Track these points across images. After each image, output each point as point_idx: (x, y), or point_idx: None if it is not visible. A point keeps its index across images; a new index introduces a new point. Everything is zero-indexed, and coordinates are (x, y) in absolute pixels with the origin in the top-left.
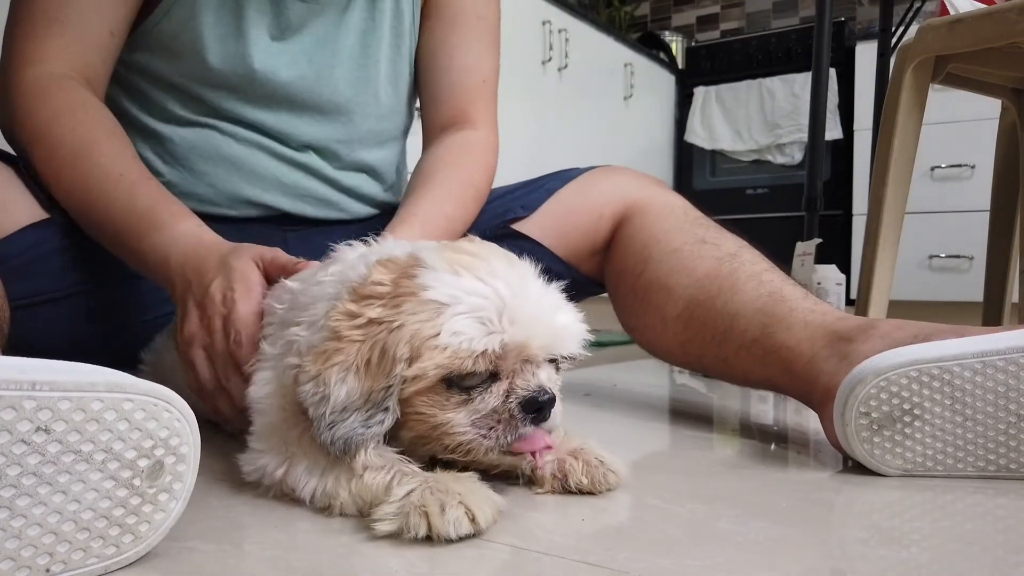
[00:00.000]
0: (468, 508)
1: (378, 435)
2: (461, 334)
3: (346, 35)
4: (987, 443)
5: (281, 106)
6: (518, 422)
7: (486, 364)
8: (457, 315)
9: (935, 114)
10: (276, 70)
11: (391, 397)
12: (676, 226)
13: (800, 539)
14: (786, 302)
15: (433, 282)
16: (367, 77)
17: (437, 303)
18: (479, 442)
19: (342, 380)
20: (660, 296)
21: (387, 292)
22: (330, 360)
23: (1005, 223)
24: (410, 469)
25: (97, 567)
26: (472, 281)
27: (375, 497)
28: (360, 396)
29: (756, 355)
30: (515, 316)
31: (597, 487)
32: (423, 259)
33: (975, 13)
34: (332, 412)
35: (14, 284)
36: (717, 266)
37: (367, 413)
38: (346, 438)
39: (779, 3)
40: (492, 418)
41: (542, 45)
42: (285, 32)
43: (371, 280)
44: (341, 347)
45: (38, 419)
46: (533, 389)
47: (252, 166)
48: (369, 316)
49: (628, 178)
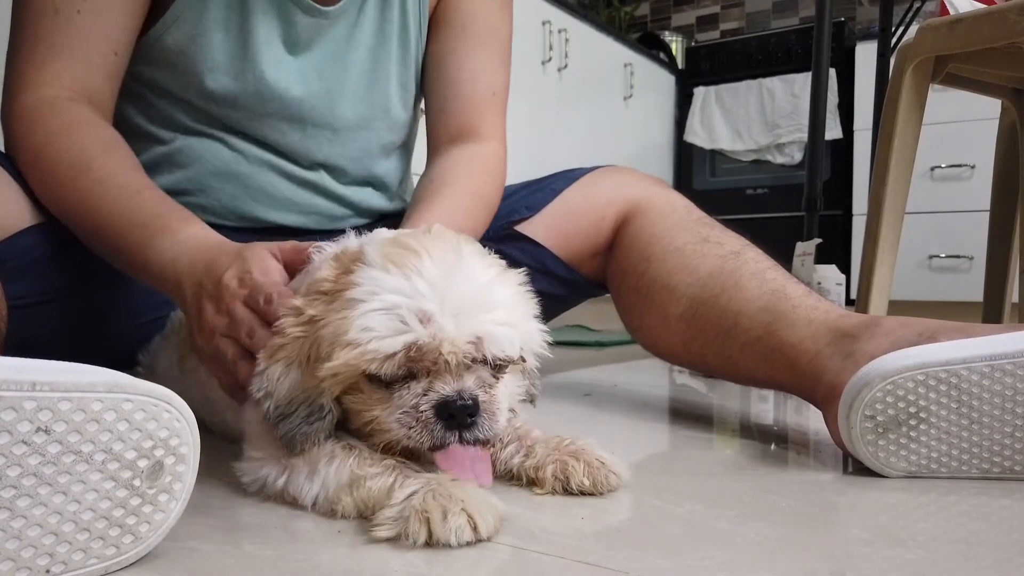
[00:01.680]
0: (470, 516)
1: (321, 431)
2: (371, 331)
3: (356, 50)
4: (992, 445)
5: (292, 124)
6: (432, 426)
7: (395, 366)
8: (369, 312)
9: (935, 114)
10: (287, 88)
11: (324, 395)
12: (679, 225)
13: (800, 539)
14: (789, 300)
15: (361, 278)
16: (378, 92)
17: (356, 300)
18: (406, 440)
19: (285, 376)
20: (663, 295)
21: (329, 288)
22: (274, 355)
23: (1005, 223)
24: (412, 471)
25: (97, 568)
26: (396, 278)
27: (377, 501)
28: (302, 392)
29: (759, 353)
30: (431, 315)
31: (599, 488)
32: (365, 254)
33: (975, 13)
34: (277, 407)
35: (12, 284)
36: (720, 264)
37: (307, 409)
38: (292, 436)
39: (779, 3)
40: (412, 416)
41: (542, 45)
42: (294, 48)
43: (319, 276)
44: (285, 343)
45: (38, 420)
46: (448, 394)
47: (261, 186)
48: (310, 313)
49: (631, 178)
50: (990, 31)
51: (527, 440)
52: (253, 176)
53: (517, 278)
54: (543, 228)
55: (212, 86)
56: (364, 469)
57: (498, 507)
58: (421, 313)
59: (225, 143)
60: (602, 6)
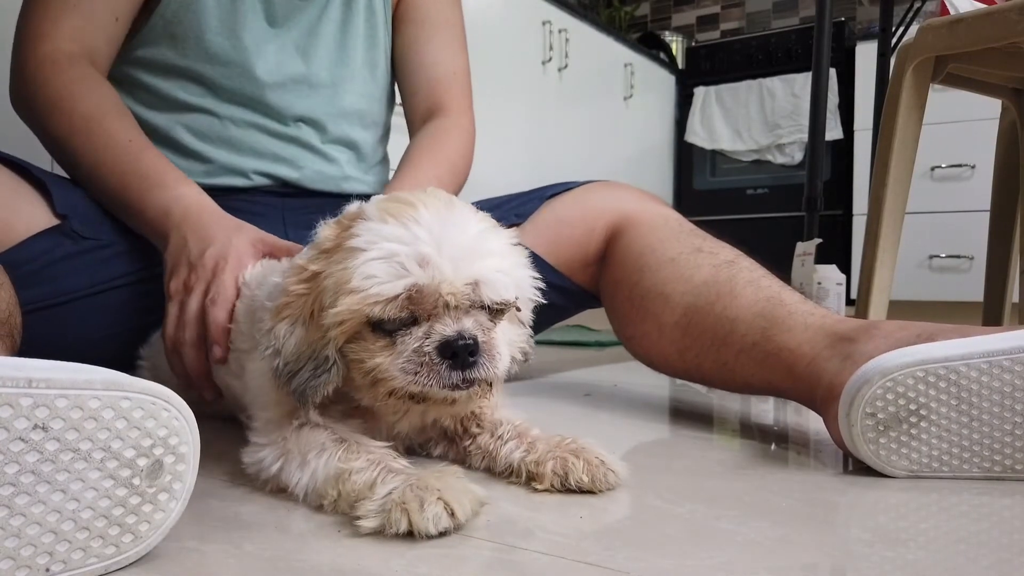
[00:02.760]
0: (447, 503)
1: (329, 384)
2: (372, 278)
3: (327, 24)
4: (993, 443)
5: (273, 83)
6: (437, 367)
7: (398, 309)
8: (369, 260)
9: (935, 114)
10: (267, 52)
11: (330, 345)
12: (671, 236)
13: (801, 539)
14: (785, 306)
15: (361, 231)
16: (346, 58)
17: (356, 250)
18: (409, 386)
19: (291, 332)
20: (657, 304)
21: (330, 246)
22: (280, 314)
23: (1005, 223)
24: (397, 467)
25: (97, 567)
26: (394, 227)
27: (360, 495)
28: (308, 347)
29: (757, 358)
30: (429, 259)
31: (598, 486)
32: (364, 211)
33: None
34: (286, 363)
35: (27, 289)
36: (714, 273)
37: (314, 363)
38: (302, 390)
39: (779, 3)
40: (415, 361)
41: (542, 45)
42: (274, 23)
43: (321, 236)
44: (290, 301)
45: (35, 416)
46: (449, 334)
47: (251, 145)
48: (312, 269)
49: (623, 192)
50: (990, 31)
51: (527, 437)
52: (241, 138)
53: (508, 233)
54: (532, 236)
55: (208, 45)
56: (349, 463)
57: (477, 493)
58: (420, 257)
59: (215, 114)
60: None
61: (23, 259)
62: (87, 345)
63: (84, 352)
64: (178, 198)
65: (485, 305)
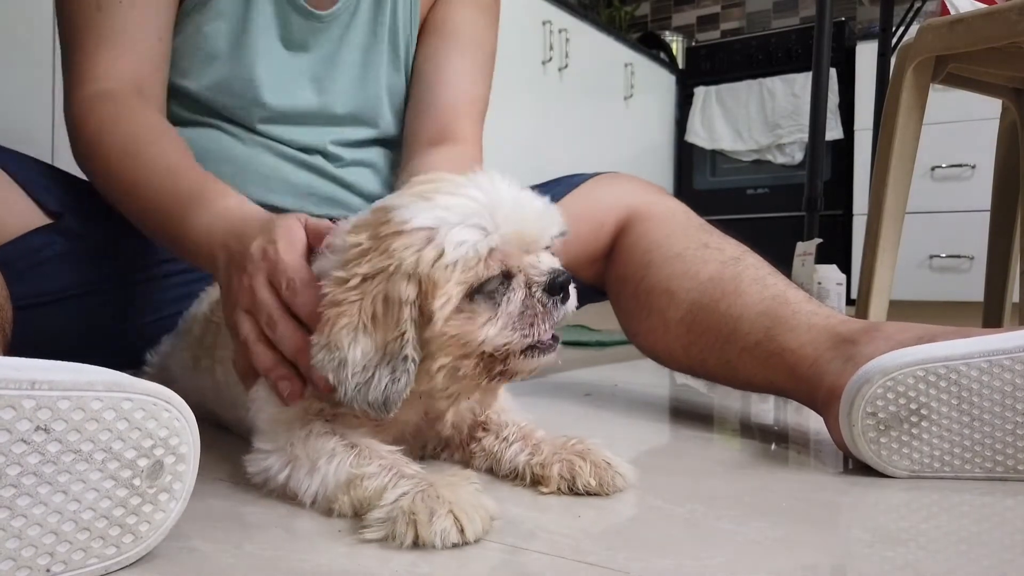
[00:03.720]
0: (457, 518)
1: (409, 383)
2: (464, 243)
3: (349, 51)
4: (994, 443)
5: (283, 118)
6: (549, 307)
7: (497, 264)
8: (452, 228)
9: (935, 114)
10: (281, 90)
11: (407, 344)
12: (678, 231)
13: (801, 539)
14: (789, 305)
15: (410, 214)
16: (368, 91)
17: (425, 228)
18: (521, 342)
19: (353, 341)
20: (663, 300)
21: (369, 247)
22: (336, 325)
23: (1005, 223)
24: (410, 471)
25: (97, 567)
26: (447, 198)
27: (371, 502)
28: (376, 351)
29: (759, 358)
30: (501, 212)
31: (605, 489)
32: (389, 204)
33: (975, 13)
34: (354, 374)
35: (18, 285)
36: (720, 270)
37: (389, 366)
38: (384, 397)
39: (779, 3)
40: (527, 315)
41: (542, 45)
42: (290, 46)
43: (350, 243)
44: (342, 310)
45: (37, 418)
46: (548, 272)
47: (257, 167)
48: (360, 273)
49: (630, 185)
50: (991, 31)
51: (532, 439)
52: (250, 158)
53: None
54: None
55: (209, 77)
56: (361, 469)
57: (489, 508)
58: (491, 212)
59: (222, 130)
60: (602, 6)
61: (16, 255)
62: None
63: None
64: (220, 214)
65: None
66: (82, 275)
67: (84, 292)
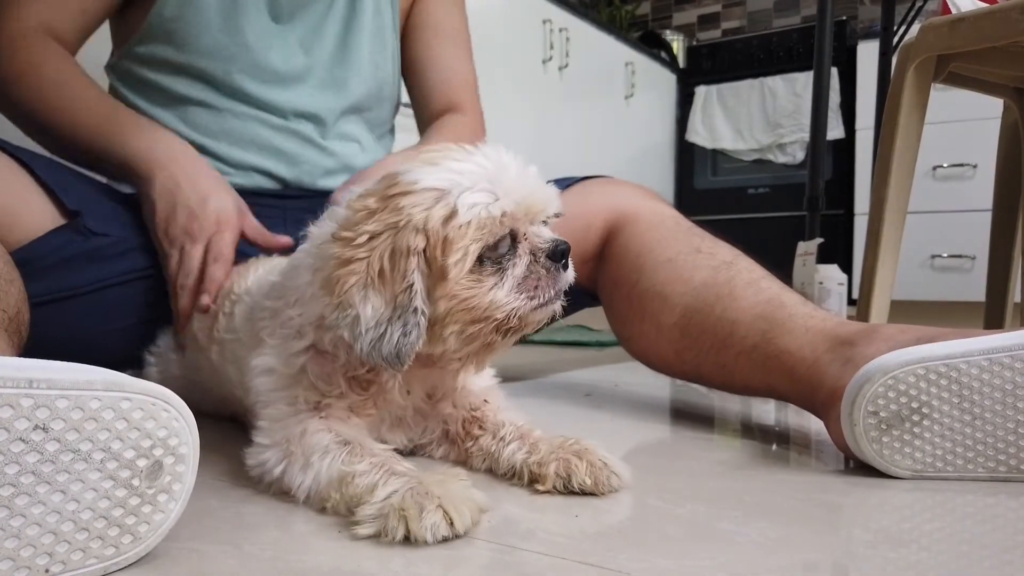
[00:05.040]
0: (446, 512)
1: (420, 336)
2: (477, 204)
3: (332, 22)
4: (997, 443)
5: (274, 79)
6: (552, 273)
7: (507, 227)
8: (465, 191)
9: (937, 113)
10: (269, 49)
11: (416, 295)
12: (669, 235)
13: (802, 540)
14: (785, 308)
15: (419, 176)
16: (350, 56)
17: (435, 189)
18: (527, 305)
19: (364, 298)
20: (655, 304)
21: (377, 207)
22: (345, 284)
23: (1007, 223)
24: (400, 469)
25: (96, 567)
26: (456, 163)
27: (362, 499)
28: (387, 306)
29: (756, 361)
30: (507, 180)
31: (601, 488)
32: (396, 171)
33: (977, 12)
34: (367, 330)
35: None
36: (713, 274)
37: (400, 320)
38: (397, 351)
39: (780, 2)
40: (531, 279)
41: (543, 44)
42: (278, 18)
43: (356, 207)
44: (351, 268)
45: (36, 417)
46: (551, 240)
47: (251, 136)
48: (367, 231)
49: (621, 188)
50: (992, 30)
51: (529, 438)
52: (242, 129)
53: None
54: None
55: (206, 42)
56: (353, 466)
57: (478, 501)
58: (502, 181)
59: (215, 107)
60: (603, 5)
61: (35, 256)
62: (94, 340)
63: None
64: (160, 139)
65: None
66: (98, 272)
67: (99, 288)
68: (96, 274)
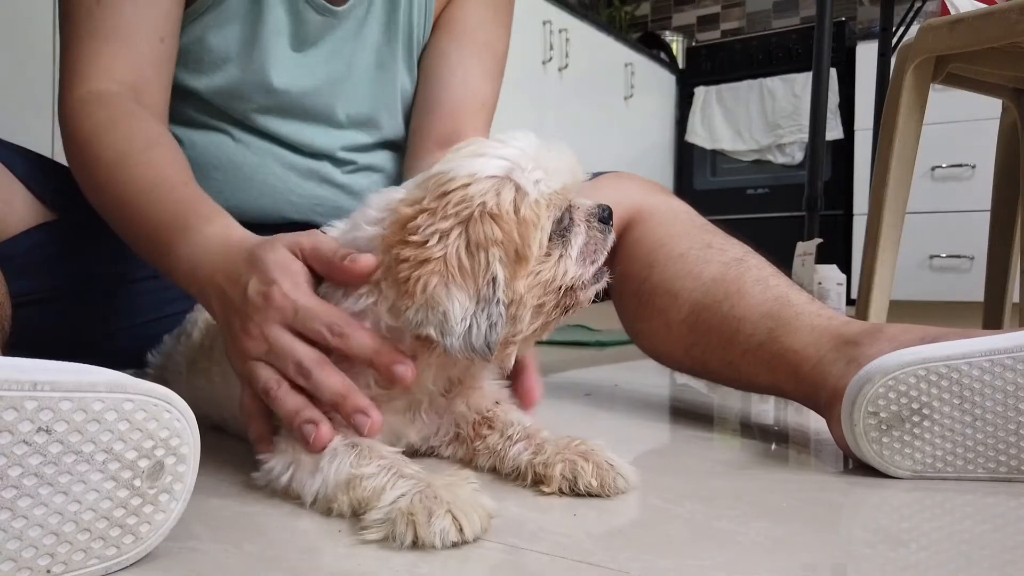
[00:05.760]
0: (455, 517)
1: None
2: (540, 181)
3: (363, 49)
4: (997, 444)
5: (297, 116)
6: (605, 235)
7: (567, 199)
8: (524, 171)
9: (936, 114)
10: (287, 84)
11: (499, 287)
12: (681, 231)
13: (802, 539)
14: (792, 307)
15: (474, 167)
16: (384, 93)
17: (494, 177)
18: (586, 272)
19: (448, 294)
20: (665, 300)
21: (434, 205)
22: (428, 284)
23: (1006, 223)
24: (409, 471)
25: (98, 568)
26: (501, 150)
27: (370, 502)
28: (471, 299)
29: (762, 359)
30: (551, 158)
31: (607, 490)
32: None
33: (976, 13)
34: (457, 323)
35: (19, 281)
36: (723, 271)
37: (485, 312)
38: (487, 343)
39: (780, 3)
40: (590, 245)
41: (543, 45)
42: (301, 45)
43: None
44: (431, 268)
45: (39, 420)
46: (598, 205)
47: (264, 177)
48: (436, 229)
49: (633, 184)
50: (991, 31)
51: (536, 438)
52: (256, 167)
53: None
54: None
55: (220, 79)
56: (361, 469)
57: (487, 506)
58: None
59: (229, 135)
60: (603, 6)
61: (16, 251)
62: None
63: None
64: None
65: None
66: (83, 271)
67: (84, 289)
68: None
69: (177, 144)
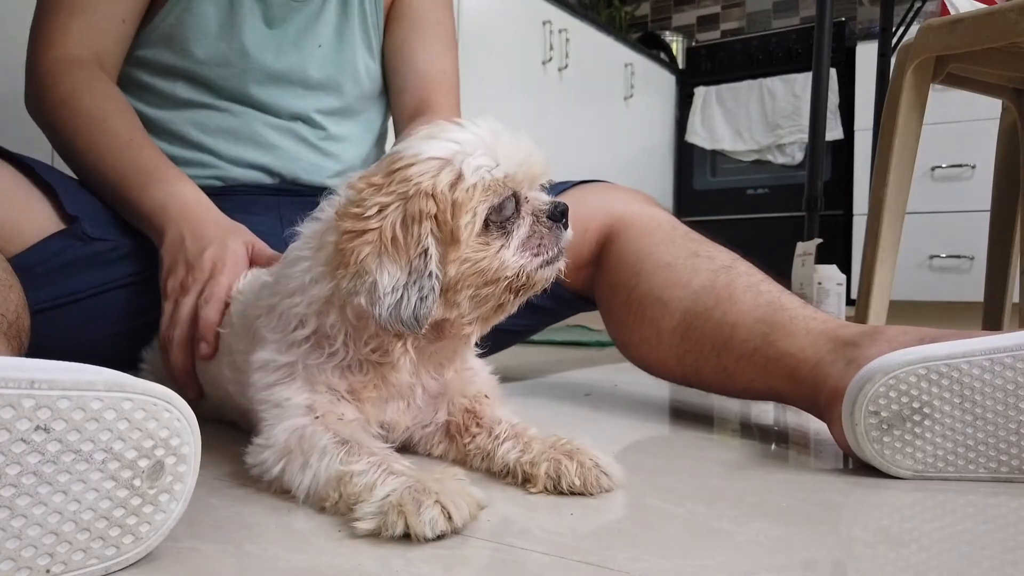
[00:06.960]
0: (444, 507)
1: (435, 301)
2: (481, 168)
3: (324, 26)
4: (998, 443)
5: (271, 82)
6: (554, 231)
7: (510, 188)
8: (468, 156)
9: (936, 114)
10: (263, 52)
11: (431, 260)
12: (666, 240)
13: (801, 539)
14: (786, 311)
15: (421, 148)
16: (344, 60)
17: (439, 158)
18: (533, 263)
19: (379, 264)
20: (655, 309)
21: (382, 181)
22: (360, 253)
23: (1005, 223)
24: (399, 468)
25: (98, 568)
26: (454, 133)
27: (360, 497)
28: (402, 271)
29: (758, 364)
30: (506, 147)
31: (589, 489)
32: (397, 148)
33: (975, 13)
34: (386, 295)
35: (37, 290)
36: (713, 278)
37: (416, 285)
38: (415, 315)
39: (779, 3)
40: (535, 238)
41: (542, 45)
42: (272, 23)
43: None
44: (364, 239)
45: (37, 417)
46: (550, 201)
47: (249, 134)
48: (377, 202)
49: (615, 193)
50: (991, 31)
51: (524, 437)
52: (240, 127)
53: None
54: None
55: (204, 50)
56: (351, 466)
57: (475, 496)
58: (501, 146)
59: (215, 108)
60: (603, 6)
61: (34, 261)
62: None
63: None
64: (174, 193)
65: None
66: (96, 277)
67: (98, 293)
68: (95, 279)
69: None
